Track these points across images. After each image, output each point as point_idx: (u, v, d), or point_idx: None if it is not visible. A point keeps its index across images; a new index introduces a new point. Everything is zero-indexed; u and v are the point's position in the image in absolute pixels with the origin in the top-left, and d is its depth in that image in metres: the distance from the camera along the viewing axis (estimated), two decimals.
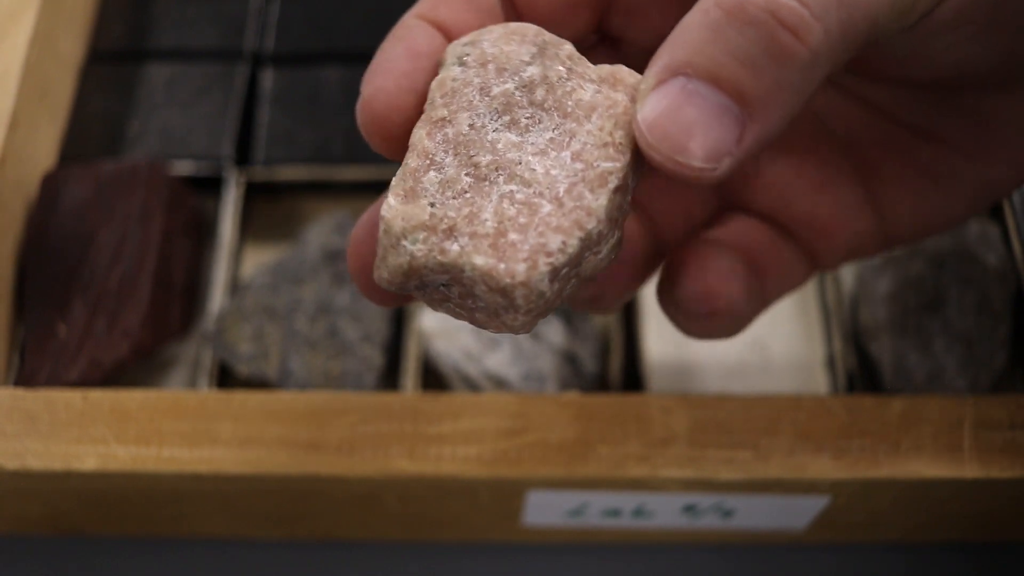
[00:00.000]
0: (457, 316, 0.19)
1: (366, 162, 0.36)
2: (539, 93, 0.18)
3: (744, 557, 0.32)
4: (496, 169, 0.18)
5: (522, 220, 0.17)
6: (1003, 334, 0.32)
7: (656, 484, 0.27)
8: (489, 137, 0.18)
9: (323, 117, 0.37)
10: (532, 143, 0.18)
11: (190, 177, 0.36)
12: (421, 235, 0.17)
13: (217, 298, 0.34)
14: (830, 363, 0.34)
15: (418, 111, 0.19)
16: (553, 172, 0.18)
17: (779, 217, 0.24)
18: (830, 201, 0.24)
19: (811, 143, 0.24)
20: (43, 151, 0.36)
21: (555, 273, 0.17)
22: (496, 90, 0.18)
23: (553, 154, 0.18)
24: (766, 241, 0.24)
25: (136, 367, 0.34)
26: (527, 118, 0.18)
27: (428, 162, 0.18)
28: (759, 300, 0.23)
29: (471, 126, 0.18)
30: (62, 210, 0.34)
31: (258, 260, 0.37)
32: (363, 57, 0.38)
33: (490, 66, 0.18)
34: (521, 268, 0.17)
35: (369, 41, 0.39)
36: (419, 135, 0.18)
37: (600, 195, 0.18)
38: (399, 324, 0.35)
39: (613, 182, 0.18)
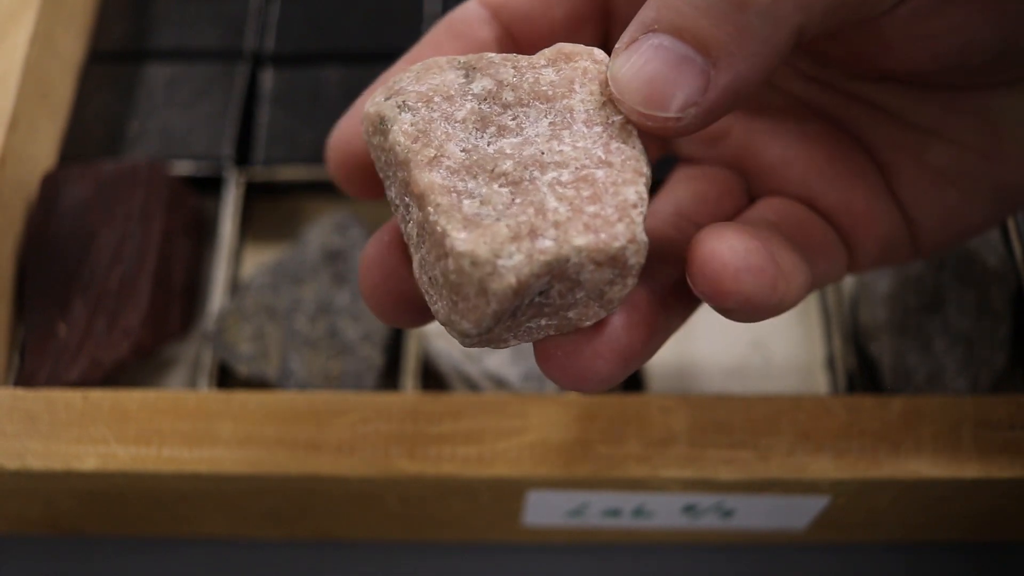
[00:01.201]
0: (536, 334, 0.18)
1: None
2: (507, 95, 0.18)
3: (744, 557, 0.32)
4: (525, 167, 0.18)
5: (587, 193, 0.17)
6: (1003, 334, 0.32)
7: (656, 484, 0.27)
8: (491, 151, 0.18)
9: (323, 117, 0.37)
10: (538, 134, 0.18)
11: (190, 177, 0.36)
12: (512, 247, 0.16)
13: (217, 298, 0.34)
14: (830, 363, 0.34)
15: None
16: (580, 144, 0.18)
17: (815, 204, 0.24)
18: (863, 193, 0.23)
19: (834, 138, 0.23)
20: (43, 151, 0.36)
21: (644, 220, 0.17)
22: (461, 114, 0.18)
23: (565, 132, 0.18)
24: (807, 217, 0.23)
25: (136, 367, 0.34)
26: (512, 120, 0.18)
27: (455, 195, 0.17)
28: (804, 275, 0.21)
29: (465, 151, 0.18)
30: (62, 210, 0.34)
31: (258, 260, 0.37)
32: (363, 57, 0.38)
33: (435, 99, 0.18)
34: (621, 228, 0.17)
35: (369, 41, 0.39)
36: (425, 179, 0.17)
37: (634, 141, 0.18)
38: None
39: (634, 128, 0.18)
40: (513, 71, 0.19)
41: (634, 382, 0.34)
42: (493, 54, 0.19)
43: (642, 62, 0.17)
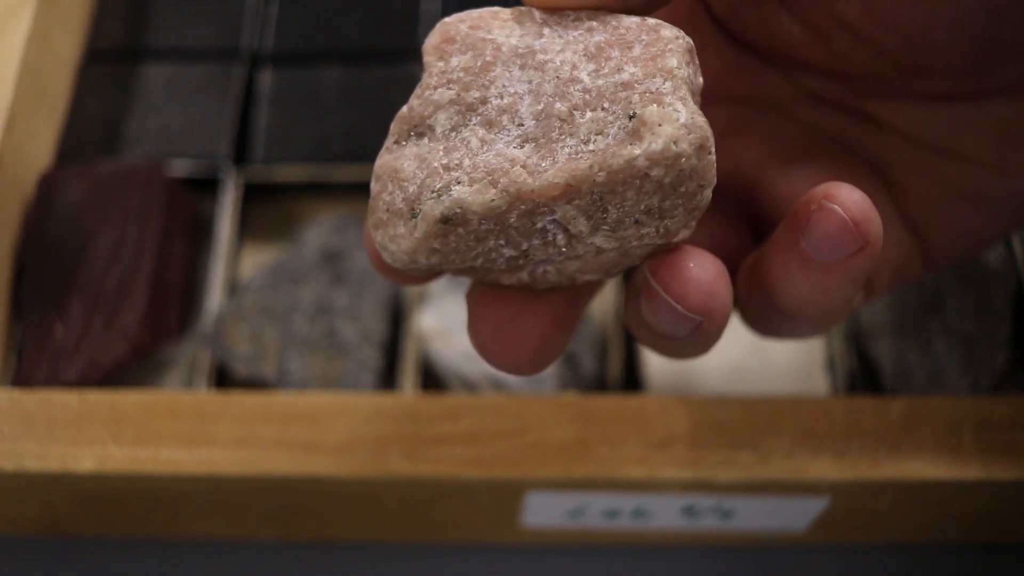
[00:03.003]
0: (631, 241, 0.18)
1: (365, 161, 0.36)
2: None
3: (744, 558, 0.32)
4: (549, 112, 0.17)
5: (626, 75, 0.17)
6: (1003, 334, 0.32)
7: (655, 485, 0.27)
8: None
9: (321, 117, 0.37)
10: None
11: (188, 177, 0.36)
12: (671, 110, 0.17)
13: (215, 298, 0.34)
14: (830, 364, 0.34)
15: None
16: (569, 55, 0.18)
17: None
18: None
19: (844, 166, 0.23)
20: (40, 151, 0.36)
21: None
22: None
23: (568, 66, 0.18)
24: None
25: (134, 368, 0.34)
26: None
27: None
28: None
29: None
30: (59, 210, 0.34)
31: (256, 260, 0.37)
32: (362, 57, 0.38)
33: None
34: (680, 111, 0.17)
35: (367, 41, 0.38)
36: (561, 176, 0.17)
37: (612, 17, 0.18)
38: (397, 325, 0.34)
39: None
40: (442, 89, 0.18)
41: (633, 383, 0.34)
42: (401, 110, 0.19)
43: None
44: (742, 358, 0.34)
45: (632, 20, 0.18)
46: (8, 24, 0.35)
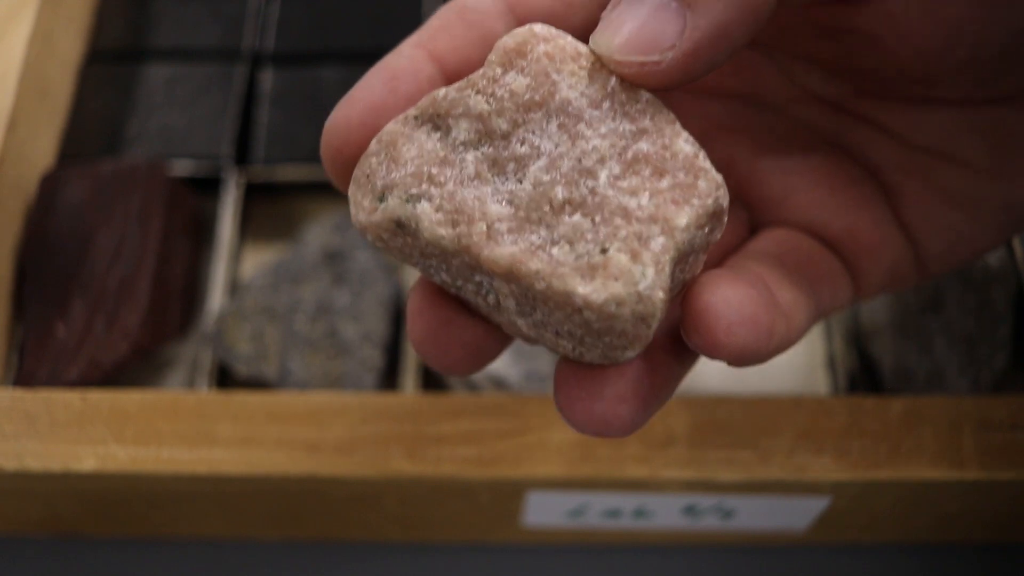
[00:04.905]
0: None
1: None
2: (497, 125, 0.17)
3: (744, 558, 0.32)
4: (576, 184, 0.16)
5: (648, 171, 0.16)
6: (1004, 334, 0.32)
7: (656, 485, 0.27)
8: (529, 188, 0.17)
9: (323, 117, 0.36)
10: (557, 144, 0.17)
11: (189, 177, 0.36)
12: (638, 268, 0.16)
13: (216, 298, 0.34)
14: (831, 364, 0.34)
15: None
16: (603, 129, 0.17)
17: (819, 233, 0.23)
18: (867, 220, 0.23)
19: (838, 165, 0.23)
20: (42, 151, 0.36)
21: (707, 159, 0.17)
22: (470, 170, 0.17)
23: (581, 126, 0.17)
24: (810, 248, 0.23)
25: (135, 367, 0.34)
26: (521, 145, 0.17)
27: (542, 251, 0.16)
28: (808, 309, 0.21)
29: (508, 203, 0.17)
30: (61, 210, 0.34)
31: (257, 260, 0.37)
32: (363, 56, 0.38)
33: (433, 171, 0.17)
34: (703, 185, 0.16)
35: (369, 41, 0.38)
36: (503, 255, 0.16)
37: (643, 92, 0.17)
38: (398, 325, 0.35)
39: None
40: (482, 98, 0.17)
41: None
42: (440, 90, 0.18)
43: (622, 18, 0.17)
44: None
45: (687, 148, 0.17)
46: (10, 24, 0.35)
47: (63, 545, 0.33)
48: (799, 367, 0.34)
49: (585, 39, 0.18)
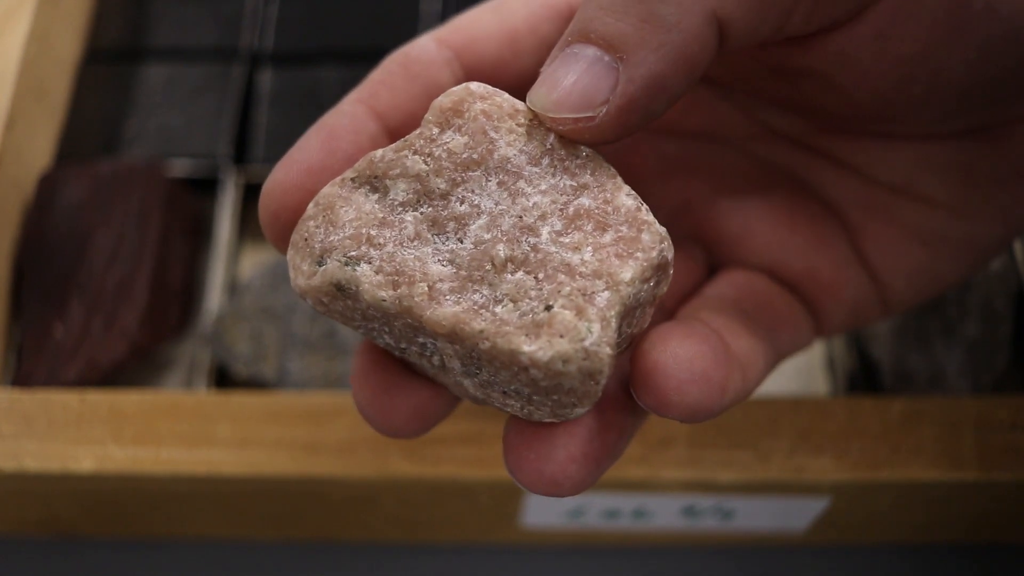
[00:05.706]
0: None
1: None
2: (435, 185, 0.17)
3: (744, 558, 0.32)
4: (517, 241, 0.16)
5: (590, 226, 0.16)
6: (1004, 335, 0.32)
7: (656, 485, 0.27)
8: (470, 247, 0.17)
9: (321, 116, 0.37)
10: (497, 203, 0.17)
11: (188, 177, 0.36)
12: (584, 324, 0.16)
13: (215, 298, 0.34)
14: (830, 364, 0.34)
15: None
16: (543, 186, 0.17)
17: (779, 273, 0.23)
18: (828, 259, 0.23)
19: (799, 203, 0.23)
20: (40, 151, 0.36)
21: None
22: (409, 230, 0.17)
23: (521, 183, 0.17)
24: (769, 290, 0.23)
25: (133, 368, 0.34)
26: (461, 204, 0.17)
27: (484, 311, 0.16)
28: (766, 356, 0.21)
29: (448, 262, 0.17)
30: (59, 210, 0.34)
31: (256, 260, 0.37)
32: (362, 56, 0.38)
33: (372, 233, 0.17)
34: (647, 238, 0.16)
35: (367, 41, 0.38)
36: (444, 316, 0.16)
37: (582, 148, 0.17)
38: None
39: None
40: (419, 158, 0.17)
41: None
42: (377, 152, 0.17)
43: (556, 75, 0.17)
44: None
45: (628, 202, 0.16)
46: (7, 24, 0.35)
47: (61, 545, 0.33)
48: (799, 368, 0.34)
49: (533, 84, 0.18)
